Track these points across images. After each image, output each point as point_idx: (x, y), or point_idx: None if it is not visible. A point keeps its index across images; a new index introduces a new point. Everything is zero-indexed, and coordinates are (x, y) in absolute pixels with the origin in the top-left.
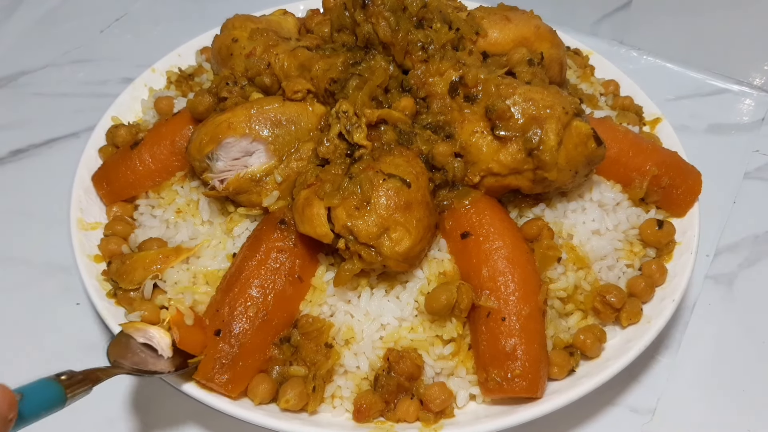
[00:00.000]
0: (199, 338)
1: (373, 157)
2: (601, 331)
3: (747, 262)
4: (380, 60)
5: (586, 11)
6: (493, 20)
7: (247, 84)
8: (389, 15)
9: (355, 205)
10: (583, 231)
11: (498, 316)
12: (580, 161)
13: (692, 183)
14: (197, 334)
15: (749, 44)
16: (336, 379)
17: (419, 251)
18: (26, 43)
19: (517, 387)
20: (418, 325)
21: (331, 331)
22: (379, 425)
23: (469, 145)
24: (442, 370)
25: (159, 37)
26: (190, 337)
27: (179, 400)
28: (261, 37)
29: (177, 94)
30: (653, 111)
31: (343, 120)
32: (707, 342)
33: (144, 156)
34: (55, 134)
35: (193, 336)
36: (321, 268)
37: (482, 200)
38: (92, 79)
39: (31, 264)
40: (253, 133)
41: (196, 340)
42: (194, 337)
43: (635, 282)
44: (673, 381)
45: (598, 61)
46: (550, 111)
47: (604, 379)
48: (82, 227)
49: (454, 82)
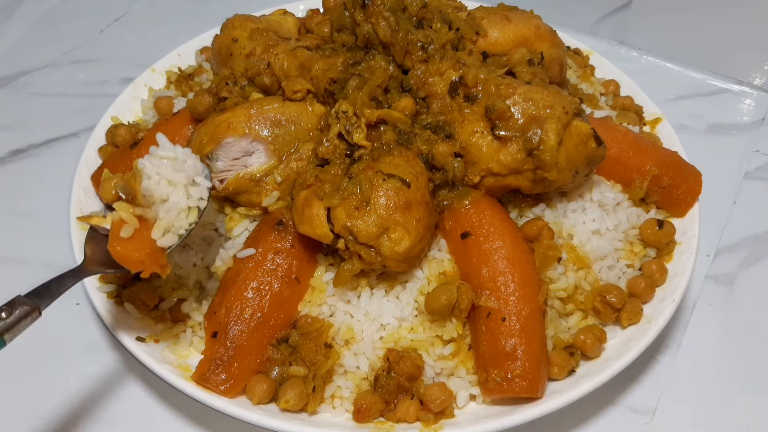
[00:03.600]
0: (136, 253)
1: (373, 158)
2: (601, 331)
3: (747, 262)
4: (380, 60)
5: (586, 11)
6: (493, 20)
7: (247, 84)
8: (389, 15)
9: (354, 206)
10: (583, 231)
11: (498, 316)
12: (580, 161)
13: (692, 183)
14: (136, 248)
15: (749, 44)
16: (336, 379)
17: (419, 251)
18: (26, 43)
19: (517, 387)
20: (418, 325)
21: (331, 331)
22: (379, 425)
23: (469, 145)
24: (442, 370)
25: (159, 37)
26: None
27: (179, 400)
28: (261, 37)
29: (177, 94)
30: (653, 111)
31: (342, 120)
32: (707, 342)
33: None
34: (55, 134)
35: (129, 249)
36: (320, 269)
37: (482, 200)
38: (92, 79)
39: (31, 264)
40: (253, 133)
41: (132, 255)
42: (131, 251)
43: (635, 282)
44: (673, 381)
45: (598, 61)
46: (550, 111)
47: (604, 379)
48: (81, 227)
49: (454, 82)
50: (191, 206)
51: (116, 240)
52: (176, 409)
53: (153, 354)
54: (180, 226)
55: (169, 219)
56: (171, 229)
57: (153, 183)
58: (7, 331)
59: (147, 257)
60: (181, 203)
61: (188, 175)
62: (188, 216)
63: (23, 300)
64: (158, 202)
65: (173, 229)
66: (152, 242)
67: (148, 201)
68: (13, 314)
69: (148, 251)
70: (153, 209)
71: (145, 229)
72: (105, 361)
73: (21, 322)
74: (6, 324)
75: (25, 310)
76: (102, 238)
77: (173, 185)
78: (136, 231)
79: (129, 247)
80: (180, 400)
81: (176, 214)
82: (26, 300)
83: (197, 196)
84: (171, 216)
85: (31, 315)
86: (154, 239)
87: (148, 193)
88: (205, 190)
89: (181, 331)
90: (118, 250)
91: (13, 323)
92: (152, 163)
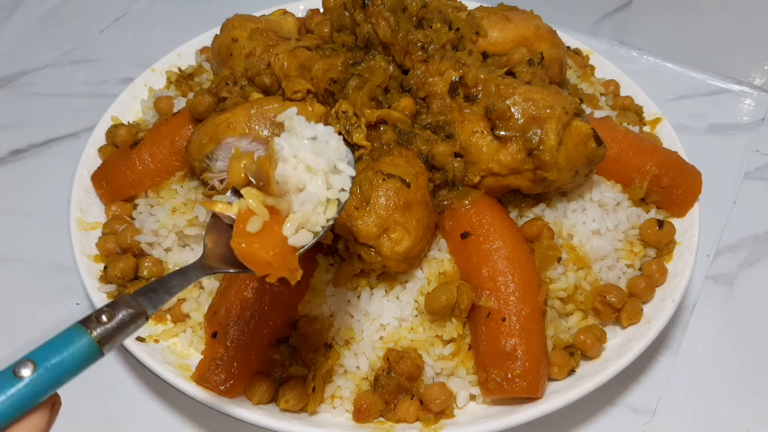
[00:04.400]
0: (263, 253)
1: (373, 158)
2: (602, 332)
3: (747, 262)
4: (380, 60)
5: (586, 11)
6: (493, 20)
7: (247, 84)
8: (389, 15)
9: (354, 206)
10: (583, 231)
11: (498, 317)
12: (580, 161)
13: (692, 183)
14: (263, 246)
15: (749, 44)
16: (336, 380)
17: (419, 251)
18: (26, 43)
19: (517, 387)
20: (418, 325)
21: (331, 331)
22: (379, 425)
23: (469, 145)
24: (442, 370)
25: (159, 37)
26: (251, 248)
27: (179, 400)
28: (261, 37)
29: (177, 94)
30: (653, 111)
31: (342, 120)
32: (707, 342)
33: (143, 156)
34: (55, 134)
35: (256, 247)
36: (320, 269)
37: (482, 200)
38: (92, 79)
39: (31, 264)
40: (253, 133)
41: (259, 254)
42: (257, 250)
43: (635, 282)
44: (673, 381)
45: (598, 61)
46: (550, 111)
47: (604, 379)
48: (81, 227)
49: (454, 82)
50: (330, 198)
51: (242, 235)
52: (176, 409)
53: (153, 354)
54: (316, 221)
55: (304, 212)
56: (306, 225)
57: (290, 168)
58: (108, 339)
59: (275, 258)
60: (320, 194)
61: (330, 159)
62: (326, 210)
63: (129, 301)
64: (293, 191)
65: (308, 225)
66: (283, 240)
67: (281, 189)
68: (115, 318)
69: (277, 251)
70: (286, 199)
71: (276, 224)
72: (105, 361)
73: (126, 329)
74: (106, 331)
75: (130, 314)
76: (226, 230)
77: (312, 172)
78: (265, 225)
79: (256, 244)
80: (180, 400)
81: (313, 206)
82: (132, 301)
83: (339, 186)
84: (307, 209)
85: (136, 321)
86: (286, 236)
87: (282, 180)
88: (348, 179)
89: (181, 331)
90: (243, 248)
91: (115, 329)
92: (290, 143)
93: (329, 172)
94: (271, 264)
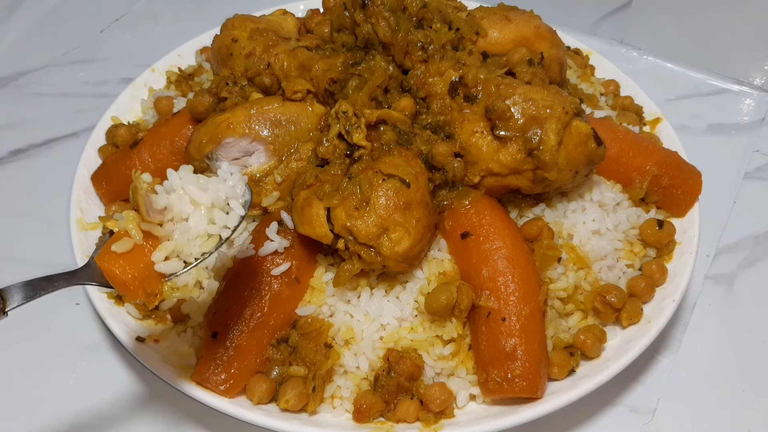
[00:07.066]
0: (121, 273)
1: (373, 158)
2: (602, 332)
3: (747, 262)
4: (380, 60)
5: (586, 11)
6: (493, 20)
7: (247, 84)
8: (389, 15)
9: (354, 206)
10: (583, 231)
11: (498, 317)
12: (580, 161)
13: (692, 183)
14: (125, 267)
15: (749, 44)
16: (336, 379)
17: (419, 251)
18: (26, 43)
19: (517, 387)
20: (418, 326)
21: (331, 331)
22: (379, 425)
23: (469, 145)
24: (442, 371)
25: (159, 37)
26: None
27: (179, 399)
28: (261, 37)
29: (177, 94)
30: (653, 111)
31: (342, 120)
32: (707, 342)
33: (143, 156)
34: (55, 134)
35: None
36: (320, 269)
37: (482, 200)
38: (92, 79)
39: (31, 264)
40: (253, 133)
41: (115, 273)
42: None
43: (635, 282)
44: (673, 381)
45: (598, 61)
46: (550, 111)
47: (604, 379)
48: (81, 227)
49: (454, 82)
50: (211, 233)
51: (107, 253)
52: (176, 409)
53: (153, 354)
54: (190, 252)
55: (179, 242)
56: (180, 254)
57: (175, 197)
58: None
59: (133, 281)
60: (199, 227)
61: (219, 197)
62: (204, 244)
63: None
64: (178, 220)
65: (182, 255)
66: (149, 264)
67: (165, 216)
68: None
69: (138, 274)
70: (167, 227)
71: (153, 248)
72: (105, 361)
73: None
74: None
75: None
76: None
77: (195, 205)
78: (136, 248)
79: (117, 264)
80: (180, 400)
81: (191, 238)
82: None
83: (222, 223)
84: (182, 239)
85: None
86: (153, 261)
87: (168, 208)
88: (236, 217)
89: (181, 331)
90: (104, 266)
91: None
92: (181, 175)
93: (215, 208)
94: (127, 285)
